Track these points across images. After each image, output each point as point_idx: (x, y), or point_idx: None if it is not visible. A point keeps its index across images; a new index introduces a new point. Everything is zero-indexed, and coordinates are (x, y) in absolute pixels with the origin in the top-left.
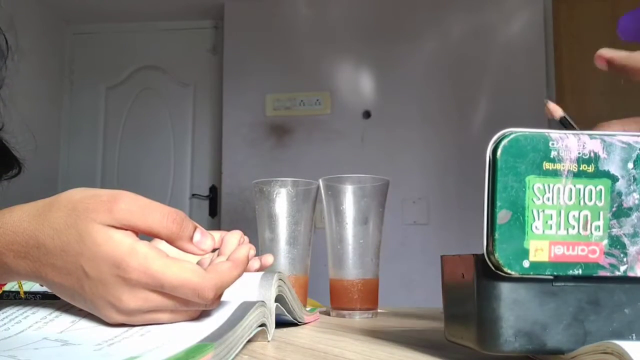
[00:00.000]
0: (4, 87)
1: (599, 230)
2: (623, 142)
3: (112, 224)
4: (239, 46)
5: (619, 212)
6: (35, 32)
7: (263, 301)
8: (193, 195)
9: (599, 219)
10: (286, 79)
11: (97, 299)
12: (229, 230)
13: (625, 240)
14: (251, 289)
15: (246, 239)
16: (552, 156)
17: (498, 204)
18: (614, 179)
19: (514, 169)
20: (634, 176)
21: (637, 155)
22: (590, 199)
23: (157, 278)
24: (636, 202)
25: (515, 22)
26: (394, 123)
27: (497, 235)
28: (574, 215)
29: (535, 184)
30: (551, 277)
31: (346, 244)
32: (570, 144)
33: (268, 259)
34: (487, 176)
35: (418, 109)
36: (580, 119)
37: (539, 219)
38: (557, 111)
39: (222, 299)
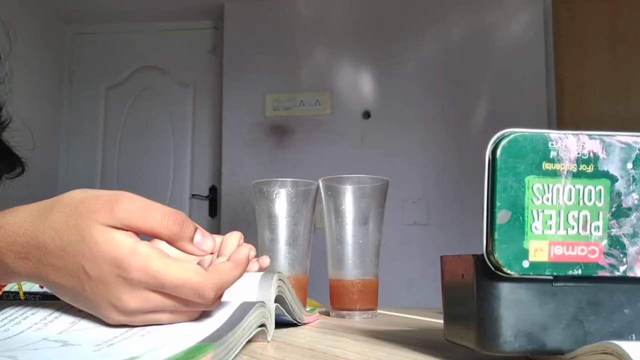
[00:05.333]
0: (4, 86)
1: (599, 231)
2: (622, 142)
3: (113, 224)
4: (238, 46)
5: (619, 212)
6: (35, 32)
7: (263, 302)
8: (193, 195)
9: (598, 219)
10: (286, 79)
11: (98, 299)
12: (229, 231)
13: (625, 241)
14: (251, 289)
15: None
16: (551, 156)
17: (497, 204)
18: (613, 179)
19: (514, 169)
20: (633, 176)
21: (636, 155)
22: (590, 199)
23: (158, 278)
24: (635, 202)
25: (515, 22)
26: (394, 123)
27: (496, 236)
28: (573, 216)
29: (535, 184)
30: (551, 278)
31: (346, 244)
32: (569, 144)
33: (265, 260)
34: (487, 176)
35: (418, 109)
36: (580, 119)
37: (538, 219)
38: None
39: (222, 299)
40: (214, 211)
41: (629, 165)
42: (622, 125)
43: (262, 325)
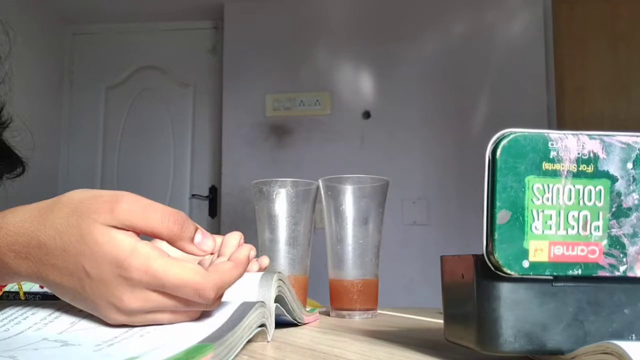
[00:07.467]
0: (4, 86)
1: (599, 231)
2: (622, 143)
3: (114, 224)
4: (238, 46)
5: (619, 212)
6: (35, 32)
7: (263, 301)
8: (193, 195)
9: (598, 219)
10: (286, 79)
11: (98, 299)
12: (229, 231)
13: (625, 241)
14: (251, 289)
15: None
16: (551, 156)
17: (498, 204)
18: (613, 179)
19: (514, 169)
20: (633, 176)
21: (636, 155)
22: (590, 199)
23: (158, 278)
24: (635, 202)
25: (515, 22)
26: (394, 123)
27: (496, 236)
28: (573, 216)
29: (535, 184)
30: (551, 278)
31: (346, 244)
32: (569, 144)
33: (264, 260)
34: (487, 176)
35: (418, 109)
36: (580, 119)
37: (538, 219)
38: None
39: (222, 299)
40: (214, 211)
41: (629, 165)
42: (622, 125)
43: (262, 325)
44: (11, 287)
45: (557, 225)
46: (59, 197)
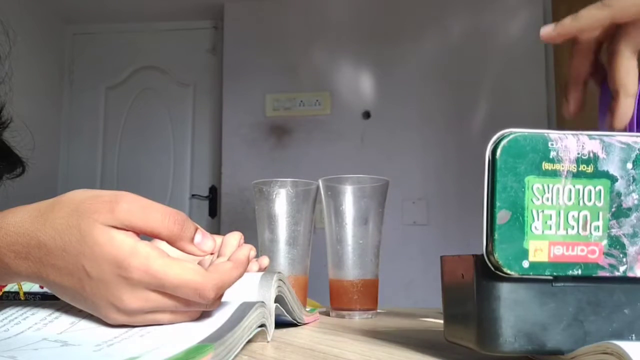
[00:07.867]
0: (4, 86)
1: (599, 231)
2: (622, 143)
3: (114, 224)
4: (238, 46)
5: (618, 213)
6: (35, 32)
7: (263, 302)
8: (193, 195)
9: (598, 219)
10: (286, 79)
11: (98, 299)
12: (229, 231)
13: (625, 241)
14: (251, 289)
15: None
16: (551, 156)
17: (497, 204)
18: (613, 179)
19: (514, 170)
20: (633, 176)
21: (636, 155)
22: (590, 199)
23: (158, 278)
24: (635, 202)
25: (515, 22)
26: (394, 123)
27: (496, 236)
28: (573, 216)
29: (535, 184)
30: (551, 278)
31: (346, 245)
32: (569, 144)
33: (264, 260)
34: (487, 176)
35: (418, 109)
36: (579, 118)
37: (538, 219)
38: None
39: (222, 299)
40: (214, 211)
41: (629, 166)
42: None
43: (262, 325)
44: (11, 287)
45: (557, 225)
46: (59, 197)
